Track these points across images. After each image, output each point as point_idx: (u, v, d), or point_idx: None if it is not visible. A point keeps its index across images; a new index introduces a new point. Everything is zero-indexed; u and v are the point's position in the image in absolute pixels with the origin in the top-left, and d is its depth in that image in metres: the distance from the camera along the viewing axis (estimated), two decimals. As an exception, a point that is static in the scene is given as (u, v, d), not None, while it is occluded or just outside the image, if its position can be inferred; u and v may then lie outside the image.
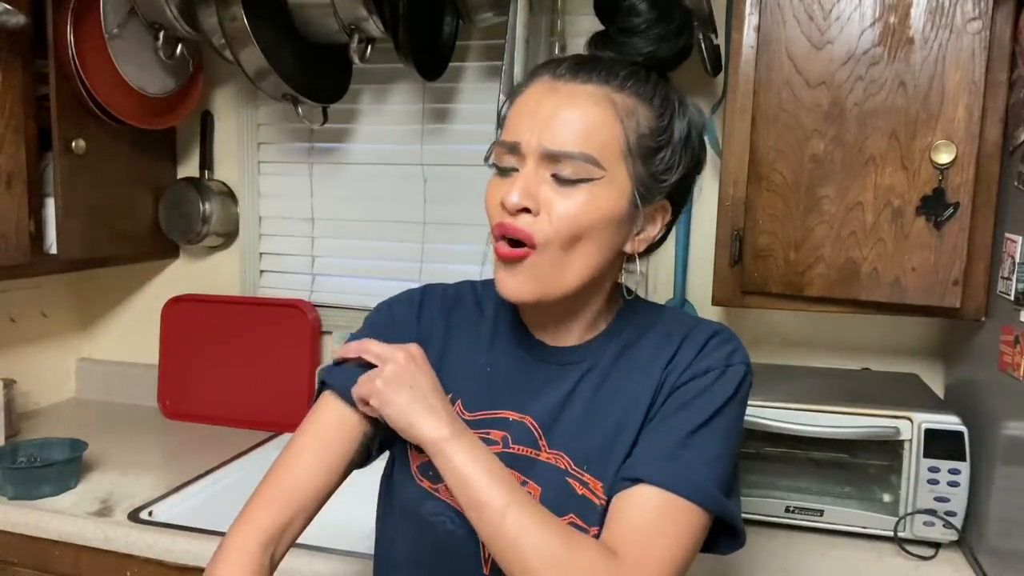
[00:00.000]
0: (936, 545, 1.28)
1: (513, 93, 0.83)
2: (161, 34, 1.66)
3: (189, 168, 1.99)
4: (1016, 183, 1.16)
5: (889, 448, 1.32)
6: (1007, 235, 1.18)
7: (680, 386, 0.79)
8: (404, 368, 0.79)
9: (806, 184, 1.27)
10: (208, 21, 1.61)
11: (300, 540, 1.28)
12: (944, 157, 1.20)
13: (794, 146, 1.27)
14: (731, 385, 0.79)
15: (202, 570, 1.28)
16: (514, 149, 0.77)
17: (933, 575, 1.23)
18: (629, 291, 0.87)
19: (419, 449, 0.79)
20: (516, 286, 0.77)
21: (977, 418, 1.26)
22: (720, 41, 1.47)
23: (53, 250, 1.64)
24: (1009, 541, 1.15)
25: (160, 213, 1.91)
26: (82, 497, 1.45)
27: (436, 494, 0.82)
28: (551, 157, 0.75)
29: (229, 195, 1.97)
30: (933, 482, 1.26)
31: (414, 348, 0.82)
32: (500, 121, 0.84)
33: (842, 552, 1.29)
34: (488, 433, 0.83)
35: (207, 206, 1.90)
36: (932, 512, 1.26)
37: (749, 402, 0.83)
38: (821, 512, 1.33)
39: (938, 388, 1.56)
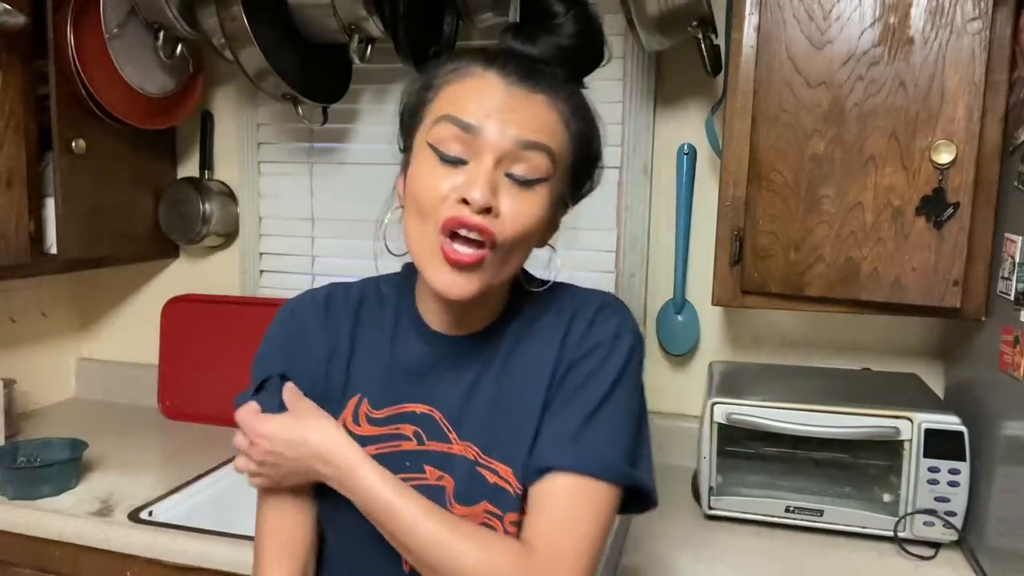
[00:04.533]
0: (936, 545, 1.28)
1: (437, 74, 0.79)
2: (161, 34, 1.66)
3: (189, 168, 1.99)
4: (1016, 183, 1.16)
5: (889, 448, 1.32)
6: (1007, 235, 1.18)
7: (574, 364, 0.81)
8: (270, 451, 0.88)
9: (806, 184, 1.26)
10: (208, 21, 1.61)
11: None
12: (944, 157, 1.20)
13: (794, 146, 1.26)
14: (621, 357, 0.81)
15: (203, 570, 1.30)
16: (469, 129, 0.74)
17: (933, 575, 1.23)
18: (524, 272, 0.88)
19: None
20: (467, 287, 0.75)
21: (977, 418, 1.26)
22: (720, 41, 1.47)
23: (53, 250, 1.64)
24: (1009, 541, 1.15)
25: (160, 213, 1.91)
26: (82, 497, 1.44)
27: None
28: (524, 146, 0.74)
29: (229, 195, 1.97)
30: (933, 482, 1.26)
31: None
32: (416, 105, 0.81)
33: (842, 552, 1.29)
34: (399, 428, 0.83)
35: (207, 206, 1.90)
36: (932, 512, 1.26)
37: (749, 401, 0.83)
38: (821, 512, 1.33)
39: (938, 388, 1.56)
